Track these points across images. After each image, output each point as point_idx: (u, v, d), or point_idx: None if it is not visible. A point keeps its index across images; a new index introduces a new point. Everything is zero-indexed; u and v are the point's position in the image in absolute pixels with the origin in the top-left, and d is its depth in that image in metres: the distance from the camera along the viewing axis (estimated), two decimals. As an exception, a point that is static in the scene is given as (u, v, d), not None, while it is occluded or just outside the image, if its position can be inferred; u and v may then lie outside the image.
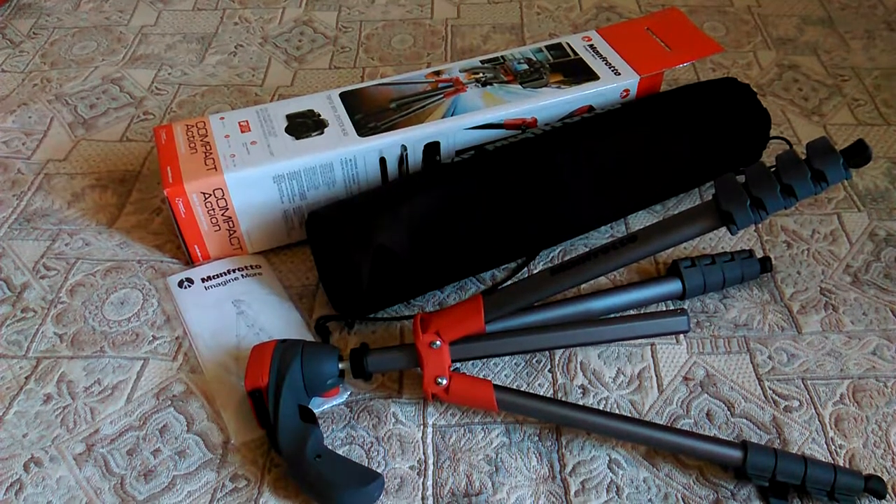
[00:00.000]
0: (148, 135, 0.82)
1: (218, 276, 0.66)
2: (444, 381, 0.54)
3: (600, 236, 0.70)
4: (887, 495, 0.52)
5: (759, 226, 0.71)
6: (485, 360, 0.61)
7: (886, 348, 0.61)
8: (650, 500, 0.52)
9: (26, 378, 0.60)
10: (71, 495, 0.53)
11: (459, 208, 0.61)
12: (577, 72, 0.72)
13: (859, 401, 0.57)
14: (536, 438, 0.56)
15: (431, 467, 0.54)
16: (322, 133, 0.66)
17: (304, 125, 0.66)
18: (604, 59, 0.73)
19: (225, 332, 0.62)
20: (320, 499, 0.51)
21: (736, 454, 0.51)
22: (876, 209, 0.72)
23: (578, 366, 0.60)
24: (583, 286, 0.65)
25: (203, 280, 0.66)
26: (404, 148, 0.66)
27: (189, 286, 0.65)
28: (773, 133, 0.79)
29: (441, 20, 0.98)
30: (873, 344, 0.61)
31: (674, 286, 0.63)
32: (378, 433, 0.56)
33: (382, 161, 0.66)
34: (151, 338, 0.63)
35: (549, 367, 0.60)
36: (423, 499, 0.53)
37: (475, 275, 0.67)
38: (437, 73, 0.72)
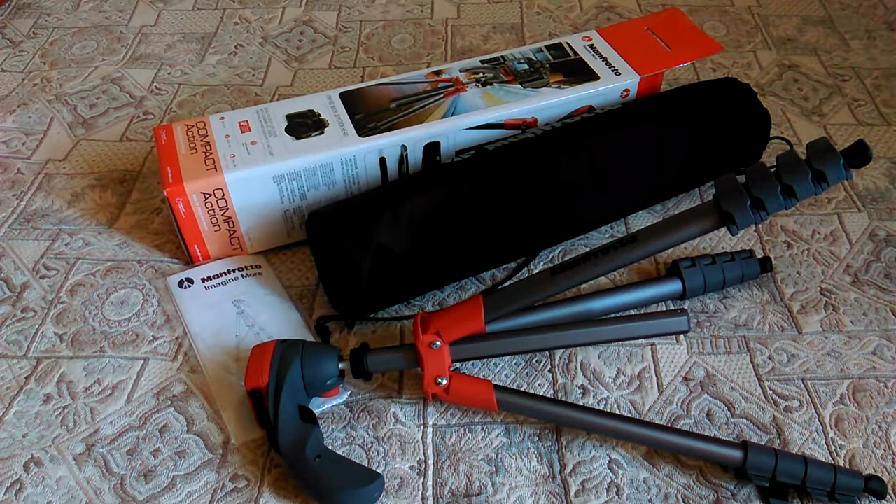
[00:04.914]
0: (148, 135, 0.82)
1: (218, 276, 0.66)
2: (444, 381, 0.54)
3: (600, 236, 0.70)
4: (887, 495, 0.52)
5: (760, 226, 0.71)
6: (485, 360, 0.61)
7: (886, 348, 0.61)
8: (650, 500, 0.52)
9: (26, 378, 0.60)
10: (71, 495, 0.53)
11: (459, 208, 0.61)
12: (578, 72, 0.72)
13: (859, 401, 0.57)
14: (536, 438, 0.56)
15: (431, 467, 0.54)
16: (322, 133, 0.66)
17: (304, 125, 0.66)
18: (604, 59, 0.73)
19: (225, 332, 0.62)
20: (320, 499, 0.51)
21: (736, 454, 0.51)
22: (876, 209, 0.72)
23: (578, 366, 0.60)
24: (583, 286, 0.65)
25: (203, 280, 0.66)
26: (404, 148, 0.66)
27: (189, 286, 0.65)
28: (773, 133, 0.79)
29: (441, 20, 0.98)
30: (873, 344, 0.61)
31: (674, 286, 0.63)
32: (378, 433, 0.56)
33: (382, 161, 0.66)
34: (151, 338, 0.63)
35: (549, 367, 0.60)
36: (423, 499, 0.53)
37: (475, 275, 0.67)
38: (438, 72, 0.72)
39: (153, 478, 0.54)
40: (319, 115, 0.67)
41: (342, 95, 0.69)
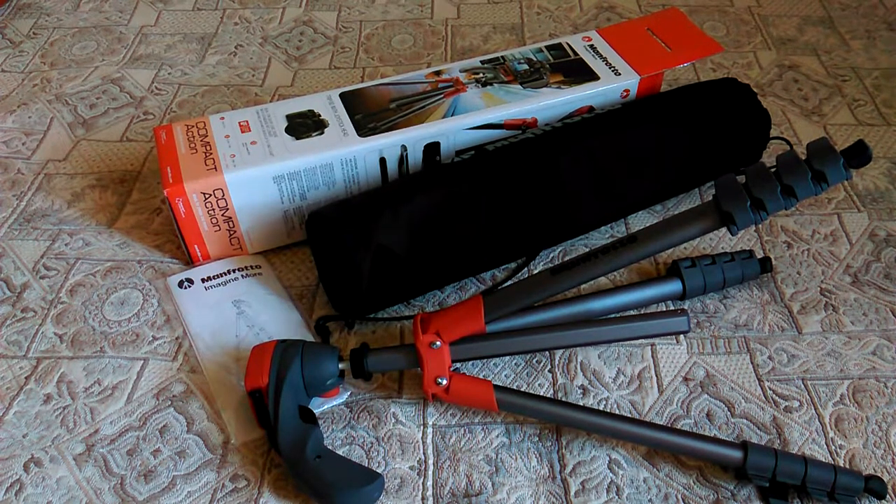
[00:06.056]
0: (148, 135, 0.82)
1: (218, 277, 0.66)
2: (444, 382, 0.54)
3: (600, 236, 0.70)
4: (887, 495, 0.52)
5: (760, 226, 0.71)
6: (485, 360, 0.61)
7: (886, 348, 0.61)
8: (650, 500, 0.52)
9: (26, 378, 0.60)
10: (71, 495, 0.53)
11: (459, 208, 0.61)
12: (578, 72, 0.72)
13: (859, 401, 0.57)
14: (536, 438, 0.56)
15: (431, 467, 0.54)
16: (322, 133, 0.66)
17: (304, 125, 0.66)
18: (604, 59, 0.73)
19: (225, 332, 0.62)
20: (320, 499, 0.51)
21: (736, 454, 0.51)
22: (876, 209, 0.72)
23: (578, 366, 0.60)
24: (583, 286, 0.65)
25: (203, 280, 0.66)
26: (404, 148, 0.66)
27: (189, 286, 0.65)
28: (773, 133, 0.79)
29: (441, 20, 0.98)
30: (873, 344, 0.61)
31: (674, 286, 0.63)
32: (378, 433, 0.56)
33: (382, 161, 0.66)
34: (151, 338, 0.63)
35: (549, 367, 0.60)
36: (423, 499, 0.53)
37: (475, 275, 0.67)
38: (438, 73, 0.72)
39: (153, 478, 0.54)
40: (319, 115, 0.67)
41: (342, 95, 0.70)
